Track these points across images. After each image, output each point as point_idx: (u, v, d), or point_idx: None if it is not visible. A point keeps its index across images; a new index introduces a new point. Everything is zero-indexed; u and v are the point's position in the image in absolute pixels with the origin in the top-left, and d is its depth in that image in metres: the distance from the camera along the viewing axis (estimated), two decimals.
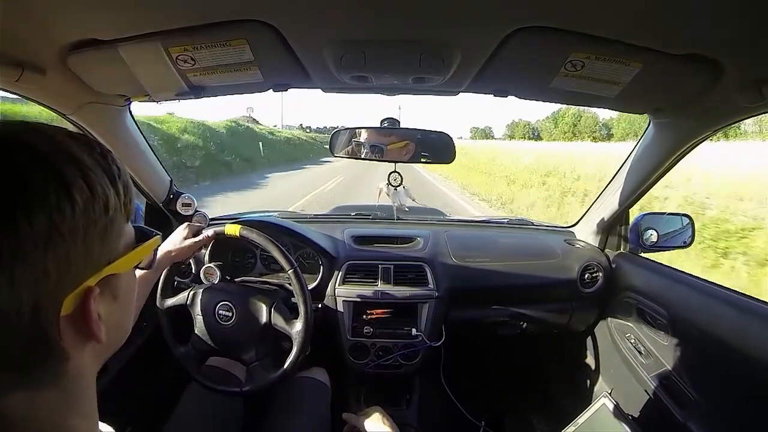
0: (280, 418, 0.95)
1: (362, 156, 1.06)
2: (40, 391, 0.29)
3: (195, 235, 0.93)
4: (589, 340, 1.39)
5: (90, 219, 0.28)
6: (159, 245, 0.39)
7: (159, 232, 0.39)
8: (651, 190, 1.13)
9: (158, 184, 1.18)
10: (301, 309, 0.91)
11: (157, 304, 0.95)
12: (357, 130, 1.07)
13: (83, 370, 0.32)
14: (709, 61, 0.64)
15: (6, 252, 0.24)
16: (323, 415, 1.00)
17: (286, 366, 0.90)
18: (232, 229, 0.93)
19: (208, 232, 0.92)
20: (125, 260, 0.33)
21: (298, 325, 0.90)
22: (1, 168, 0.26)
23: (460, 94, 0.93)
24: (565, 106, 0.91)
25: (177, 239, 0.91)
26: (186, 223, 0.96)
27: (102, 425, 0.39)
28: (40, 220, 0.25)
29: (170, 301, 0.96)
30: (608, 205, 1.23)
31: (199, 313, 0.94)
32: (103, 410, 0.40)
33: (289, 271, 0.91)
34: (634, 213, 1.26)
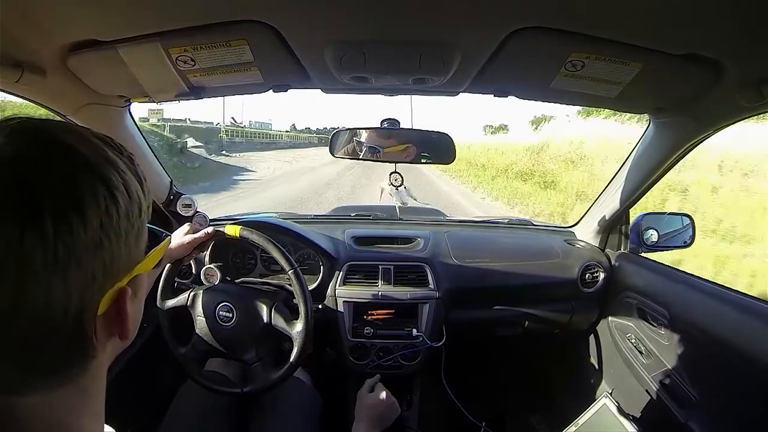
0: (270, 416, 0.96)
1: (362, 156, 1.06)
2: (58, 389, 0.29)
3: (195, 233, 0.93)
4: (589, 340, 1.39)
5: (129, 222, 0.29)
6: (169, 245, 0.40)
7: (168, 232, 0.41)
8: None
9: (158, 184, 1.18)
10: (302, 309, 0.90)
11: (158, 305, 0.95)
12: (357, 131, 1.07)
13: (101, 368, 0.32)
14: (709, 61, 0.64)
15: (62, 255, 0.25)
16: (313, 414, 1.02)
17: (287, 366, 0.90)
18: (232, 230, 0.93)
19: (208, 229, 0.92)
20: (148, 260, 0.34)
21: (298, 326, 0.90)
22: (50, 171, 0.26)
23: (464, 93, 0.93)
24: None
25: (177, 236, 0.92)
26: (187, 223, 0.96)
27: (107, 428, 0.39)
28: (93, 225, 0.26)
29: (171, 302, 0.96)
30: (609, 205, 1.23)
31: (200, 314, 0.94)
32: (104, 410, 0.39)
33: (289, 272, 0.91)
34: (635, 212, 1.26)
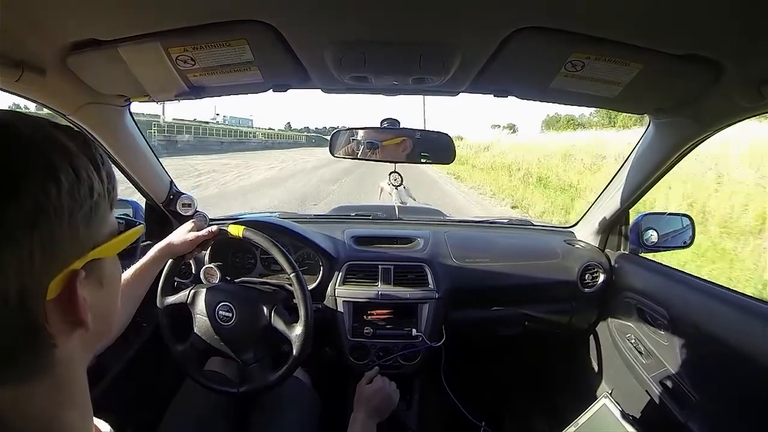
0: (269, 415, 0.97)
1: (361, 156, 1.07)
2: (30, 383, 0.29)
3: (198, 230, 0.93)
4: (589, 340, 1.39)
5: (75, 201, 0.29)
6: (142, 234, 0.40)
7: (141, 222, 0.40)
8: None
9: (158, 184, 1.18)
10: (302, 313, 0.91)
11: (157, 302, 0.95)
12: (356, 130, 1.08)
13: (73, 360, 0.32)
14: (709, 61, 0.64)
15: None
16: (312, 413, 1.02)
17: (284, 369, 0.90)
18: (236, 230, 0.93)
19: (212, 228, 0.92)
20: (110, 245, 0.33)
21: (297, 329, 0.90)
22: None
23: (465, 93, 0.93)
24: None
25: (181, 232, 0.92)
26: (191, 221, 0.96)
27: (102, 423, 0.39)
28: (26, 201, 0.26)
29: (171, 299, 0.96)
30: (608, 205, 1.23)
31: (200, 312, 0.94)
32: (104, 410, 0.39)
33: (291, 275, 0.91)
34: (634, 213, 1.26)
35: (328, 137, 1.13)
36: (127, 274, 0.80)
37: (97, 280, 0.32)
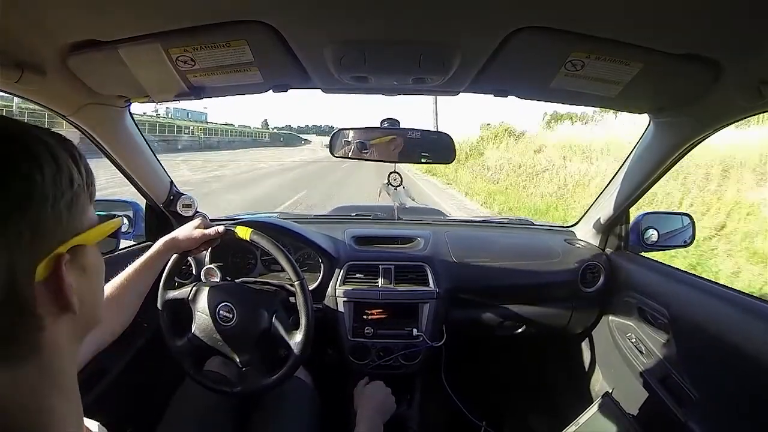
0: (270, 416, 0.97)
1: (361, 156, 1.07)
2: (15, 367, 0.29)
3: (206, 228, 0.93)
4: (590, 339, 1.39)
5: (57, 189, 0.31)
6: (119, 227, 0.41)
7: (121, 215, 0.41)
8: None
9: (158, 185, 1.18)
10: (303, 321, 0.90)
11: (159, 296, 0.94)
12: (356, 130, 1.08)
13: (60, 346, 0.32)
14: (709, 61, 0.64)
15: None
16: (313, 413, 1.02)
17: (279, 374, 0.90)
18: (243, 232, 0.92)
19: (219, 228, 0.92)
20: (91, 233, 0.35)
21: (297, 337, 0.90)
22: None
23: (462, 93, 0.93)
24: None
25: (187, 228, 0.91)
26: (199, 218, 0.96)
27: (91, 423, 0.39)
28: (13, 186, 0.28)
29: (172, 294, 0.95)
30: (609, 205, 1.23)
31: (200, 310, 0.93)
32: (104, 410, 0.40)
33: (295, 283, 0.91)
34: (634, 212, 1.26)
35: (303, 135, 1.13)
36: (132, 267, 0.81)
37: (81, 267, 0.34)
